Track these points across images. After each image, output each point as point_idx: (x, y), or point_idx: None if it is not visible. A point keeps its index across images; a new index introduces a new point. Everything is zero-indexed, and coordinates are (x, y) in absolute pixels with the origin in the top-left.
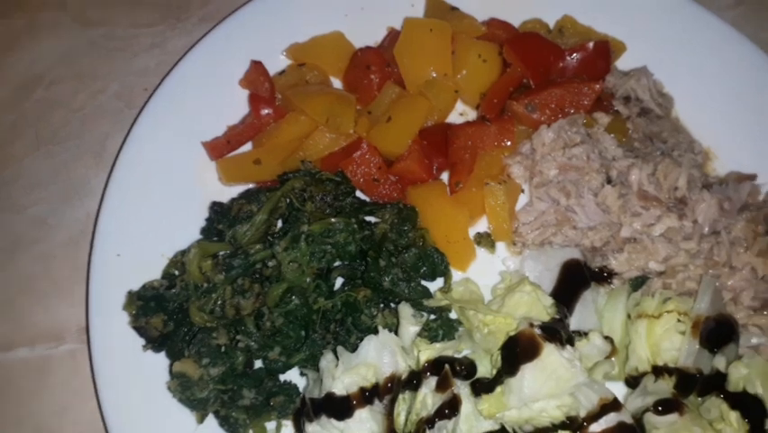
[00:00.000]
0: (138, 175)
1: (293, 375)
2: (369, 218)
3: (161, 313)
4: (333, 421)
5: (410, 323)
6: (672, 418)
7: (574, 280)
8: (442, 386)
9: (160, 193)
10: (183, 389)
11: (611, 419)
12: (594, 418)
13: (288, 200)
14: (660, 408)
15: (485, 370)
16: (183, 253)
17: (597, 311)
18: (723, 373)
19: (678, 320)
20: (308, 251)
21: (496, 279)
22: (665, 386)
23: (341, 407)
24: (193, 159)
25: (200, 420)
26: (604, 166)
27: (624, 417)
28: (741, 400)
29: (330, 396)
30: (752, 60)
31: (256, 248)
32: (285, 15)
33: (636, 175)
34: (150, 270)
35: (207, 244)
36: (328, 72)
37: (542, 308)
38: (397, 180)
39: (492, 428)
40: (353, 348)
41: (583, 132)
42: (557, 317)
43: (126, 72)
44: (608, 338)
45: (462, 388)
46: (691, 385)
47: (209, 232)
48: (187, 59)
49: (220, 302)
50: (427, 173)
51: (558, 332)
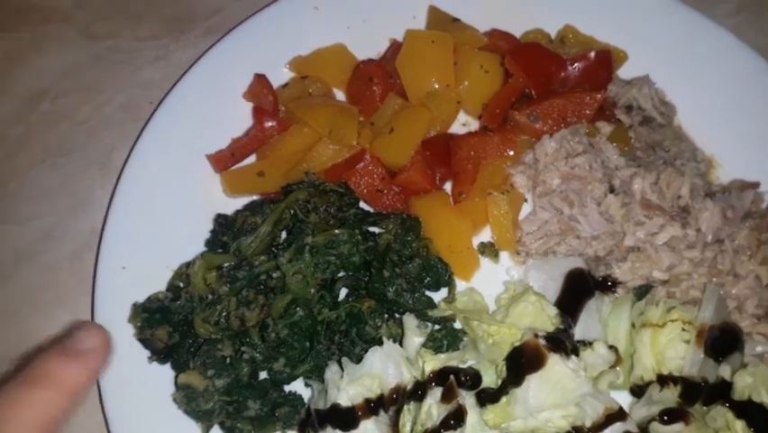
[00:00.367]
0: (143, 188)
1: (298, 386)
2: (372, 229)
3: (166, 325)
4: (338, 432)
5: (415, 334)
6: (678, 427)
7: (578, 290)
8: (447, 397)
9: (164, 205)
10: (188, 400)
11: (617, 428)
12: (600, 428)
13: (292, 212)
14: (665, 417)
15: (490, 380)
16: (188, 265)
17: (601, 320)
18: (728, 382)
19: (682, 329)
20: (312, 262)
21: (500, 288)
22: (670, 395)
23: (346, 418)
24: (197, 171)
25: (205, 432)
26: (607, 175)
27: (629, 426)
28: (747, 409)
29: (335, 407)
30: (754, 68)
31: (260, 260)
32: (288, 29)
33: (639, 184)
34: (155, 282)
35: (212, 256)
36: (331, 84)
37: (546, 319)
38: (401, 191)
39: None
40: (358, 359)
41: (586, 141)
42: (562, 327)
43: (131, 85)
44: (612, 348)
45: (467, 398)
46: (697, 394)
47: (214, 244)
48: (191, 72)
49: (225, 314)
50: (430, 184)
51: (563, 342)
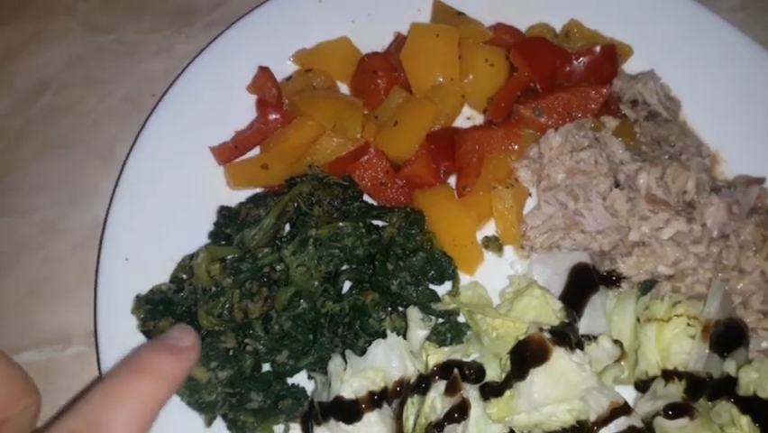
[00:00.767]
0: (146, 180)
1: (301, 378)
2: (376, 222)
3: (169, 317)
4: (341, 425)
5: (419, 327)
6: (683, 422)
7: (583, 284)
8: (451, 390)
9: (168, 197)
10: (191, 392)
11: (621, 423)
12: (604, 422)
13: (296, 204)
14: (670, 412)
15: (494, 374)
16: (191, 257)
17: (605, 315)
18: (733, 378)
19: (688, 324)
20: (316, 255)
21: (504, 282)
22: (675, 390)
23: (350, 410)
24: (201, 163)
25: (208, 424)
26: (612, 170)
27: (634, 421)
28: (752, 405)
29: (339, 400)
30: (759, 63)
31: (264, 252)
32: (292, 21)
33: (644, 179)
34: (159, 273)
35: (216, 248)
36: (335, 77)
37: (551, 312)
38: (405, 184)
39: (502, 432)
40: (362, 352)
41: (591, 136)
42: (566, 321)
43: (134, 77)
44: (617, 342)
45: (471, 391)
46: (701, 389)
47: (217, 236)
48: (194, 64)
49: (228, 306)
50: (435, 177)
51: (567, 336)
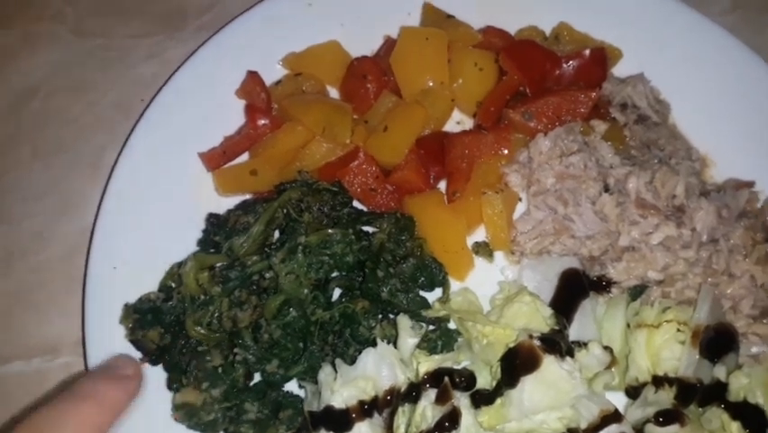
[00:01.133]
0: (134, 187)
1: (292, 388)
2: (366, 228)
3: (158, 326)
4: None
5: (409, 335)
6: (674, 428)
7: (573, 290)
8: (441, 398)
9: (156, 205)
10: (189, 417)
11: (612, 430)
12: (595, 429)
13: (285, 211)
14: (661, 418)
15: (484, 381)
16: (180, 266)
17: (596, 321)
18: (723, 383)
19: (678, 330)
20: (306, 262)
21: (494, 289)
22: (666, 396)
23: (340, 420)
24: (189, 170)
25: None
26: (601, 174)
27: (625, 428)
28: (742, 411)
29: (329, 409)
30: (749, 66)
31: (253, 260)
32: (281, 25)
33: (634, 183)
34: (147, 282)
35: (204, 256)
36: (325, 82)
37: (541, 319)
38: (395, 190)
39: None
40: (352, 360)
41: (580, 140)
42: (556, 328)
43: (123, 83)
44: (607, 348)
45: (462, 399)
46: (692, 395)
47: (206, 244)
48: (183, 69)
49: (217, 315)
50: (424, 182)
51: (557, 343)
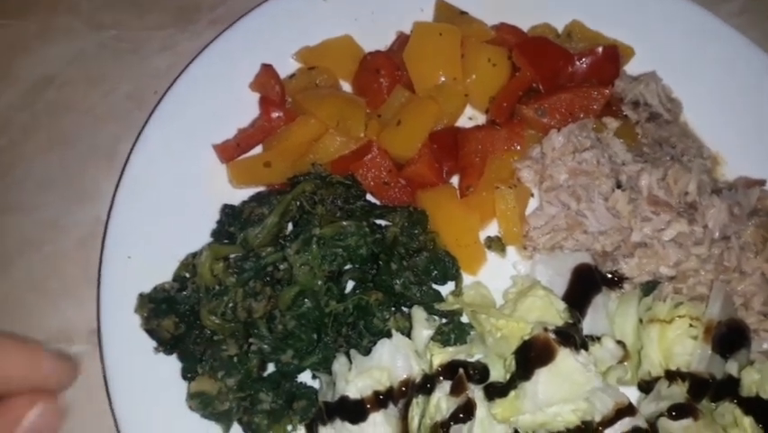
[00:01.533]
0: (148, 177)
1: (306, 379)
2: (379, 222)
3: (173, 315)
4: (347, 425)
5: (424, 326)
6: (687, 422)
7: (585, 285)
8: (456, 390)
9: (170, 195)
10: (204, 405)
11: (626, 423)
12: (609, 422)
13: (299, 203)
14: (674, 412)
15: (497, 374)
16: (194, 256)
17: (608, 316)
18: (736, 379)
19: (690, 325)
20: (320, 254)
21: (506, 283)
22: (679, 391)
23: (355, 410)
24: (203, 161)
25: (226, 431)
26: (614, 171)
27: (639, 421)
28: (754, 406)
29: (344, 399)
30: (759, 65)
31: (267, 251)
32: (295, 19)
33: (646, 180)
34: (161, 272)
35: (219, 247)
36: (338, 76)
37: (555, 313)
38: (408, 184)
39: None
40: (366, 351)
41: (593, 136)
42: (571, 321)
43: (137, 74)
44: (620, 343)
45: (476, 392)
46: (704, 390)
47: (220, 234)
48: (196, 62)
49: (231, 305)
50: (437, 177)
51: (572, 336)
